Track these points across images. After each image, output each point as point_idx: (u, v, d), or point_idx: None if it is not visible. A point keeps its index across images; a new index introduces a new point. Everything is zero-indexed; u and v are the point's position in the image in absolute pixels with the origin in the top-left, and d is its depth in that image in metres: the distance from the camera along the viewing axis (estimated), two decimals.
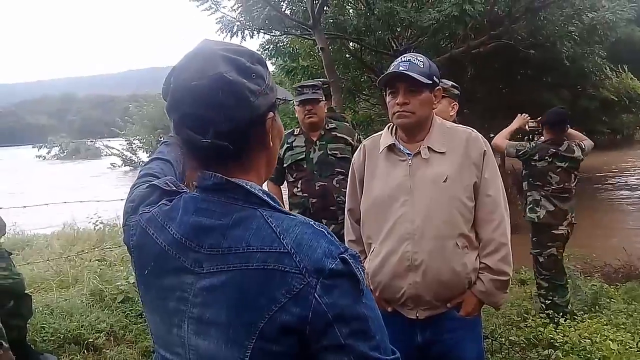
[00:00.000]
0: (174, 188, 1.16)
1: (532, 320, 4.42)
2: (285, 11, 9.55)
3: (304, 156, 3.77)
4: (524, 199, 4.91)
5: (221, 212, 1.03)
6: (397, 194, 2.26)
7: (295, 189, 3.80)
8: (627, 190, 14.68)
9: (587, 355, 3.67)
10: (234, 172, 1.06)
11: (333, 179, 3.72)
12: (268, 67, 1.12)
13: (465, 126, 2.42)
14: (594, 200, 12.12)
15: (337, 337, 0.95)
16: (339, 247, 0.98)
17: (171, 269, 1.05)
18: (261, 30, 10.01)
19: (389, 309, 2.32)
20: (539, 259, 4.74)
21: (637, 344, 3.78)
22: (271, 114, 1.08)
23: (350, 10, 10.11)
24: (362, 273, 0.99)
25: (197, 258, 1.02)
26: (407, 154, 2.30)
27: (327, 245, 0.98)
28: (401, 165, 2.30)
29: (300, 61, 11.50)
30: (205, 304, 1.00)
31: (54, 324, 4.16)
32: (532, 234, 4.82)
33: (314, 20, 8.19)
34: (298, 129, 3.90)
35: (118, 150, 31.56)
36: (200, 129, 1.00)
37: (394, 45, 9.45)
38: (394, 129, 2.38)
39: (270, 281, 0.95)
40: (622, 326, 4.16)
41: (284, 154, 3.75)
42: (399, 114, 2.25)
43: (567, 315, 4.46)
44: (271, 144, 1.11)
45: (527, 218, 4.81)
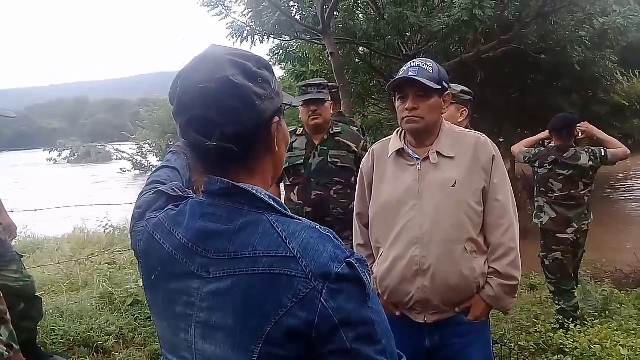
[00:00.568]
0: (180, 193, 1.17)
1: (542, 326, 4.40)
2: (295, 16, 9.57)
3: (303, 161, 3.57)
4: (533, 204, 4.91)
5: (227, 216, 1.04)
6: (406, 198, 2.27)
7: (291, 194, 3.61)
8: (638, 195, 14.55)
9: None
10: (240, 176, 1.07)
11: (331, 189, 3.53)
12: (274, 73, 1.12)
13: (474, 131, 2.42)
14: (605, 205, 12.03)
15: (343, 342, 0.95)
16: (345, 252, 0.99)
17: (178, 274, 1.06)
18: (271, 35, 10.04)
19: (397, 313, 2.32)
20: (545, 262, 4.73)
21: None
22: (277, 118, 1.09)
23: (360, 15, 10.12)
24: (368, 277, 0.99)
25: (204, 263, 1.03)
26: (416, 158, 2.30)
27: (333, 249, 0.98)
28: (410, 169, 2.30)
29: (309, 66, 11.52)
30: (211, 308, 1.01)
31: (64, 326, 4.19)
32: (540, 237, 4.82)
33: (323, 25, 8.20)
34: (301, 128, 3.69)
35: (128, 154, 31.66)
36: (206, 132, 1.01)
37: (404, 50, 9.43)
38: (402, 133, 2.38)
39: (276, 286, 0.95)
40: (633, 332, 4.12)
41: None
42: (408, 119, 2.25)
43: (577, 320, 4.43)
44: (277, 149, 1.11)
45: (532, 223, 4.83)
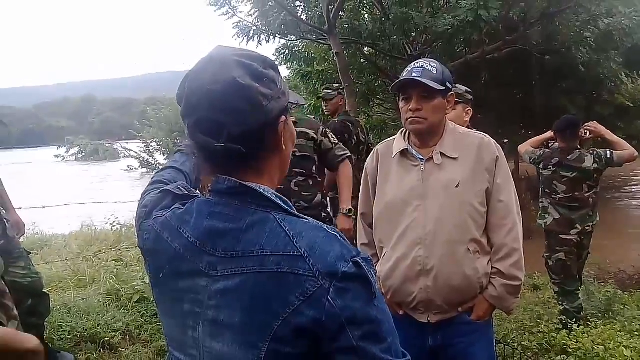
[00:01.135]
0: (186, 192, 1.18)
1: (545, 326, 4.39)
2: (301, 16, 9.60)
3: None
4: (538, 204, 4.92)
5: (235, 215, 1.05)
6: (410, 198, 2.28)
7: None
8: None
9: None
10: (247, 176, 1.07)
11: (291, 181, 3.55)
12: (280, 72, 1.14)
13: (478, 131, 2.43)
14: (608, 207, 12.00)
15: (350, 340, 0.96)
16: (351, 251, 1.00)
17: (186, 272, 1.07)
18: (277, 35, 10.07)
19: (400, 312, 2.34)
20: (549, 262, 4.74)
21: None
22: (283, 117, 1.10)
23: (366, 16, 10.14)
24: (374, 276, 1.00)
25: (212, 261, 1.03)
26: (420, 159, 2.31)
27: (340, 248, 0.99)
28: (414, 170, 2.31)
29: (315, 66, 11.54)
30: (219, 306, 1.02)
31: (71, 322, 4.22)
32: (545, 238, 4.84)
33: (329, 25, 8.23)
34: None
35: (135, 152, 31.72)
36: (214, 133, 1.02)
37: (409, 50, 9.44)
38: (407, 134, 2.40)
39: (284, 284, 0.97)
40: (636, 333, 4.11)
41: None
42: (411, 119, 2.26)
43: (580, 321, 4.43)
44: (284, 148, 1.12)
45: (537, 224, 4.85)
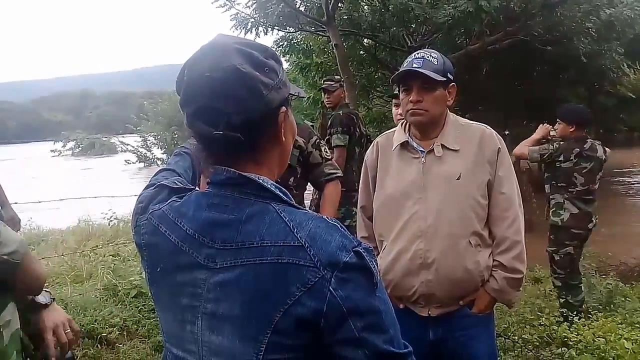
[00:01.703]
0: (182, 186, 1.17)
1: (546, 319, 4.39)
2: (299, 8, 9.56)
3: None
4: (547, 202, 4.77)
5: (234, 206, 1.04)
6: (410, 191, 2.25)
7: None
8: None
9: (601, 354, 3.63)
10: (246, 166, 1.06)
11: None
12: (281, 63, 1.12)
13: (479, 123, 2.40)
14: (609, 199, 11.97)
15: (352, 331, 0.96)
16: (352, 241, 0.99)
17: (184, 265, 1.06)
18: (275, 27, 10.04)
19: (401, 306, 2.31)
20: (555, 257, 4.66)
21: None
22: (284, 108, 1.09)
23: (365, 7, 10.10)
24: (376, 266, 1.00)
25: (210, 253, 1.02)
26: (421, 151, 2.28)
27: (341, 238, 0.98)
28: (414, 162, 2.29)
29: (314, 58, 11.52)
30: (219, 299, 1.00)
31: None
32: (549, 232, 4.74)
33: (328, 16, 8.20)
34: None
35: (133, 147, 31.72)
36: (212, 121, 1.01)
37: (409, 41, 9.41)
38: (407, 126, 2.37)
39: (284, 275, 0.95)
40: (637, 325, 4.11)
41: None
42: (412, 111, 2.24)
43: (581, 313, 4.42)
44: (284, 139, 1.11)
45: (551, 221, 4.68)
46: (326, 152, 3.43)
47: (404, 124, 2.39)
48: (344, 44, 9.41)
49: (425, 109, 2.22)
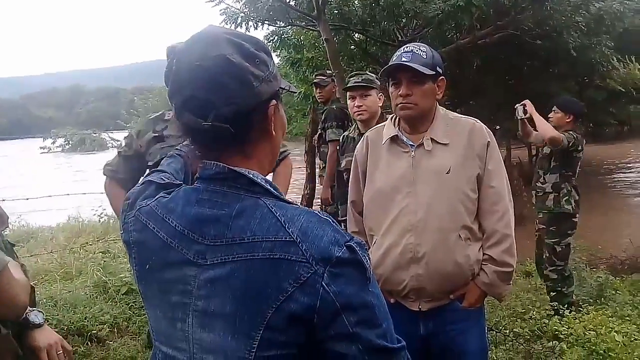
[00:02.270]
0: (169, 181, 1.16)
1: (537, 312, 4.41)
2: (289, 2, 9.53)
3: None
4: (556, 191, 4.62)
5: (224, 202, 1.02)
6: (400, 185, 2.25)
7: None
8: (633, 182, 14.58)
9: (592, 347, 3.65)
10: (236, 160, 1.05)
11: None
12: (272, 56, 1.11)
13: (468, 117, 2.39)
14: (600, 192, 12.05)
15: (345, 326, 0.95)
16: (344, 236, 0.99)
17: (173, 262, 1.04)
18: (265, 22, 10.00)
19: (392, 300, 2.31)
20: (557, 248, 4.60)
21: None
22: (274, 102, 1.07)
23: (355, 1, 10.08)
24: (368, 261, 0.99)
25: (200, 249, 1.01)
26: (410, 145, 2.27)
27: (333, 233, 0.97)
28: (404, 156, 2.28)
29: (305, 53, 11.50)
30: (209, 296, 0.99)
31: (57, 315, 4.18)
32: (550, 224, 4.66)
33: (318, 11, 8.17)
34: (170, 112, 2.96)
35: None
36: (201, 112, 1.00)
37: (399, 36, 9.41)
38: (396, 120, 2.36)
39: (276, 270, 0.94)
40: (628, 318, 4.14)
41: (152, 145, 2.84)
42: (402, 105, 2.23)
43: (571, 307, 4.43)
44: (274, 134, 1.10)
45: (564, 209, 4.57)
46: None
47: (393, 118, 2.38)
48: (335, 38, 9.39)
49: (415, 103, 2.21)
